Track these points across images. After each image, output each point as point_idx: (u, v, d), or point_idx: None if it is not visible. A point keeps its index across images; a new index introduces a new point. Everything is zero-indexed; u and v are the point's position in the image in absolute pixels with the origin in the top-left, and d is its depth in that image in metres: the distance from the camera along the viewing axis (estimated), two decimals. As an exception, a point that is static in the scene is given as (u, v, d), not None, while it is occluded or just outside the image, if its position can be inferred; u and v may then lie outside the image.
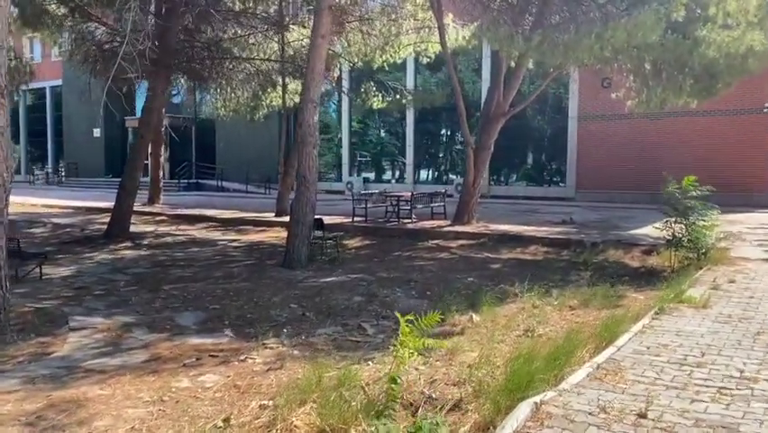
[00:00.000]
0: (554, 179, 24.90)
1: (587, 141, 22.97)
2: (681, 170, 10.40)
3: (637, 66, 11.87)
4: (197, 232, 15.99)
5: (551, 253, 12.01)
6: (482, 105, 16.83)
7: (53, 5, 16.11)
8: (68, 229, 16.50)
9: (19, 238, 9.81)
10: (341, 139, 29.25)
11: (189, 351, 6.08)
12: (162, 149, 21.74)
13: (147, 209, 20.40)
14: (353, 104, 25.29)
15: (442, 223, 15.32)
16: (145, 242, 14.11)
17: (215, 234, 15.55)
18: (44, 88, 39.92)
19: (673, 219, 9.75)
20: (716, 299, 7.24)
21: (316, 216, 12.66)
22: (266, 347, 6.13)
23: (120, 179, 15.00)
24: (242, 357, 5.82)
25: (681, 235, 9.71)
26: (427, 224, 15.28)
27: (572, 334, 5.75)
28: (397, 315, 4.38)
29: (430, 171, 28.59)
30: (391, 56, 18.10)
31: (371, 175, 29.39)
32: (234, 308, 7.84)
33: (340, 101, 28.47)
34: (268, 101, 20.43)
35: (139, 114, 33.90)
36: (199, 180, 32.06)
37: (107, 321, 7.17)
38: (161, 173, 22.02)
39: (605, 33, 9.72)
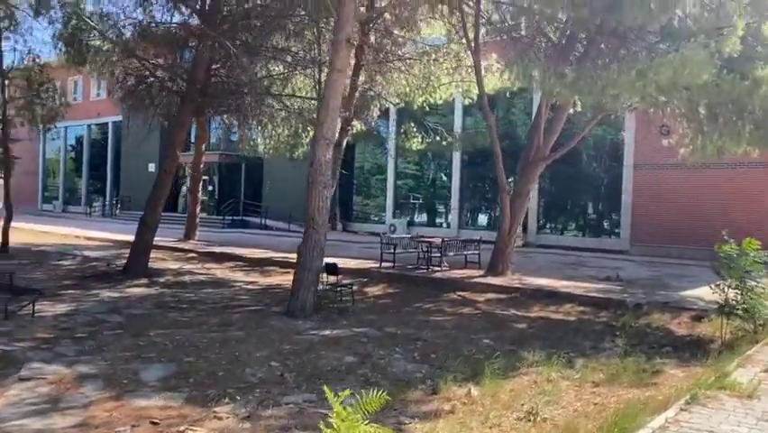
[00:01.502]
0: (608, 230, 23.35)
1: (643, 190, 21.47)
2: (748, 227, 9.12)
3: (690, 109, 10.70)
4: (220, 271, 15.46)
5: (587, 313, 10.75)
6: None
7: (98, 41, 16.26)
8: (94, 263, 16.28)
9: (11, 273, 9.39)
10: (385, 180, 28.63)
11: (130, 415, 5.30)
12: (201, 185, 21.49)
13: (180, 245, 20.18)
14: (399, 145, 24.75)
15: (474, 273, 14.24)
16: (162, 279, 13.63)
17: (237, 275, 14.96)
18: (107, 123, 41.27)
19: (727, 283, 8.46)
20: (767, 388, 5.94)
21: (330, 261, 11.91)
22: (215, 417, 5.29)
23: (149, 215, 14.68)
24: (181, 428, 4.99)
25: (735, 302, 8.38)
26: (458, 273, 14.23)
27: (574, 424, 4.65)
28: (326, 390, 3.44)
29: (477, 216, 27.49)
30: (431, 96, 17.43)
31: (416, 218, 28.55)
32: (210, 362, 7.05)
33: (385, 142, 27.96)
34: (307, 139, 20.00)
35: (192, 150, 34.43)
36: (244, 218, 31.96)
37: (65, 371, 6.51)
38: (199, 209, 21.74)
39: (648, 70, 8.69)
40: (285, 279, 14.18)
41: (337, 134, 18.56)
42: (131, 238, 21.41)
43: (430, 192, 28.43)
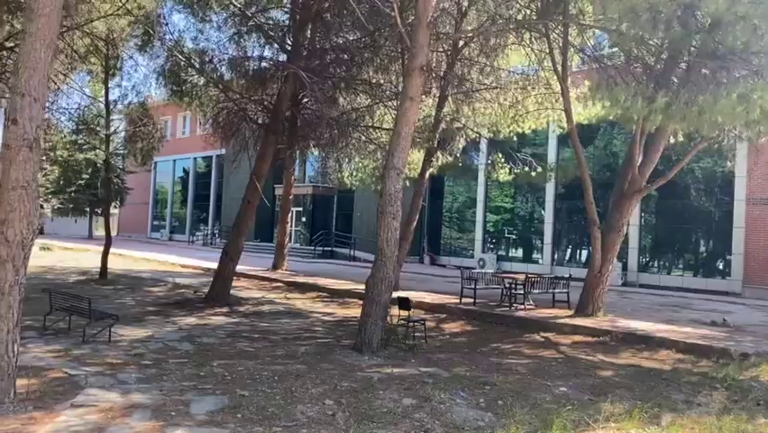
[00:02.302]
0: (717, 269, 21.45)
1: (758, 227, 19.60)
2: None
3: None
4: (301, 302, 15.43)
5: (684, 361, 9.68)
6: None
7: (195, 77, 16.97)
8: (182, 290, 16.74)
9: (90, 299, 9.67)
10: (475, 213, 27.98)
11: (166, 451, 5.11)
12: (290, 216, 21.81)
13: (268, 274, 20.47)
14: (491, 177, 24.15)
15: (561, 313, 13.35)
16: (242, 308, 13.74)
17: (316, 306, 14.86)
18: (211, 156, 43.33)
19: None
20: None
21: (402, 295, 11.54)
22: (251, 458, 4.99)
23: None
24: (211, 469, 4.73)
25: None
26: (543, 313, 13.38)
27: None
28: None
29: (573, 253, 26.16)
30: (519, 126, 16.82)
31: (507, 253, 27.61)
32: (264, 396, 6.81)
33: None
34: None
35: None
36: (334, 249, 32.26)
37: (119, 399, 6.47)
38: (287, 240, 22.06)
39: (751, 93, 7.78)
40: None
41: (413, 164, 18.45)
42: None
43: (523, 226, 27.45)
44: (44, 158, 42.60)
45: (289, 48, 14.02)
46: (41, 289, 13.27)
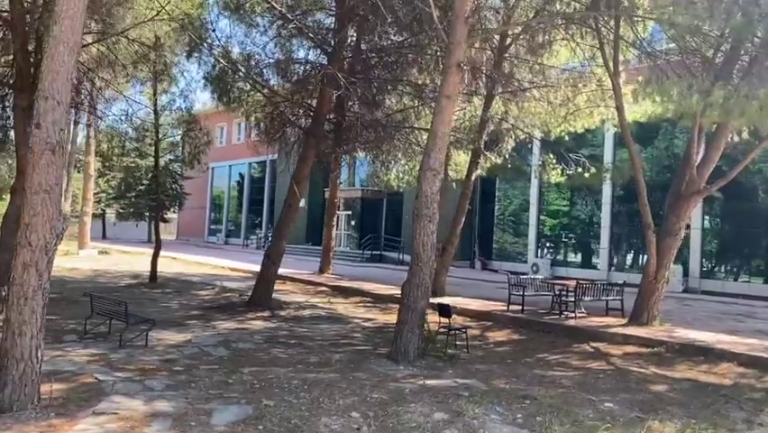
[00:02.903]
0: (789, 275, 20.09)
1: (833, 230, 18.24)
2: None
3: None
4: (343, 306, 15.21)
5: (747, 376, 8.93)
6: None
7: (241, 82, 17.02)
8: (228, 294, 16.81)
9: (126, 303, 9.68)
10: (528, 216, 27.21)
11: (177, 464, 4.91)
12: (338, 220, 21.69)
13: (313, 278, 20.39)
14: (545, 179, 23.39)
15: (613, 321, 12.65)
16: (283, 313, 13.63)
17: (359, 311, 14.61)
18: (265, 161, 43.83)
19: None
20: None
21: (444, 302, 11.15)
22: (262, 475, 4.73)
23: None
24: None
25: None
26: (595, 321, 12.71)
27: None
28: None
29: (631, 257, 25.06)
30: (570, 125, 16.16)
31: (562, 257, 26.73)
32: (289, 406, 6.57)
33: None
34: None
35: (342, 187, 35.40)
36: (383, 253, 32.02)
37: (142, 407, 6.35)
38: (333, 243, 21.93)
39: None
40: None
41: (459, 166, 17.99)
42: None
43: (578, 230, 26.51)
44: (106, 164, 44.25)
45: (330, 50, 13.84)
46: (83, 293, 13.51)
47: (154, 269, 18.27)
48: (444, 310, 10.43)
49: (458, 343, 10.38)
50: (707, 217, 21.98)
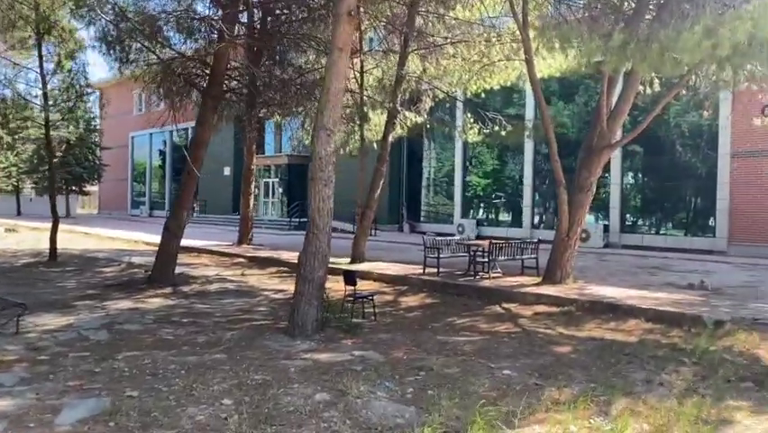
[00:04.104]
0: (702, 228, 20.55)
1: (743, 182, 18.66)
2: None
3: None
4: (257, 278, 14.49)
5: (654, 331, 8.80)
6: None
7: (139, 42, 15.70)
8: (135, 270, 15.77)
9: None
10: (453, 177, 26.94)
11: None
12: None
13: (231, 250, 19.52)
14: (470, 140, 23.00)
15: (529, 280, 12.45)
16: (186, 289, 12.81)
17: (271, 282, 13.94)
18: (187, 129, 41.98)
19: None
20: None
21: (348, 269, 10.61)
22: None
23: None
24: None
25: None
26: (510, 281, 12.47)
27: None
28: None
29: (554, 215, 25.19)
30: (486, 82, 15.72)
31: (487, 217, 26.67)
32: (155, 397, 5.88)
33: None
34: (358, 135, 18.70)
35: (268, 153, 34.24)
36: (311, 220, 31.27)
37: (-21, 407, 5.54)
38: (252, 212, 21.04)
39: (719, 26, 6.71)
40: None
41: (377, 127, 17.36)
42: (189, 243, 21.17)
43: (503, 189, 26.44)
44: (16, 137, 41.38)
45: (225, 1, 12.78)
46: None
47: (53, 246, 17.02)
48: (350, 278, 9.89)
49: (367, 311, 9.91)
50: (626, 173, 22.19)
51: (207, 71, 13.16)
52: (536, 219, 24.44)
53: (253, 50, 17.14)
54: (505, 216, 26.24)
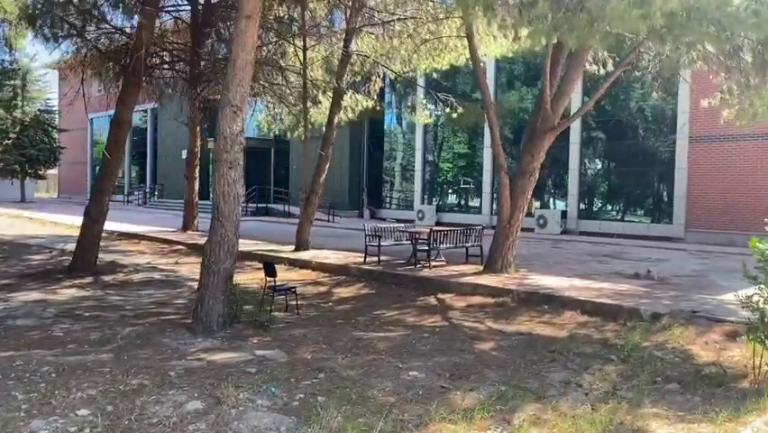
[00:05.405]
0: (660, 214, 20.20)
1: (701, 168, 18.31)
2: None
3: (725, 53, 7.95)
4: (189, 267, 13.69)
5: (587, 325, 8.27)
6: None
7: (72, 17, 14.68)
8: (65, 257, 14.85)
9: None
10: (413, 162, 26.30)
11: None
12: (198, 171, 19.90)
13: (173, 236, 18.67)
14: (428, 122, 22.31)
15: (470, 269, 11.88)
16: (108, 278, 12.01)
17: (204, 271, 13.16)
18: (147, 110, 40.70)
19: (765, 293, 5.87)
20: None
21: (267, 260, 9.94)
22: None
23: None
24: None
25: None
26: (451, 270, 11.89)
27: None
28: None
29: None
30: (435, 61, 15.05)
31: (448, 202, 26.11)
32: (3, 408, 5.16)
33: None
34: (312, 119, 17.89)
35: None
36: (269, 205, 30.42)
37: None
38: (196, 197, 20.17)
39: (650, -6, 6.10)
40: (250, 277, 12.29)
41: (322, 110, 16.62)
42: (134, 229, 20.28)
43: (463, 174, 25.86)
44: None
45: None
46: None
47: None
48: (269, 269, 9.21)
49: (292, 303, 9.28)
50: (584, 159, 21.75)
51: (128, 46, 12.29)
52: (496, 205, 23.92)
53: (195, 26, 16.31)
54: (464, 202, 25.71)
